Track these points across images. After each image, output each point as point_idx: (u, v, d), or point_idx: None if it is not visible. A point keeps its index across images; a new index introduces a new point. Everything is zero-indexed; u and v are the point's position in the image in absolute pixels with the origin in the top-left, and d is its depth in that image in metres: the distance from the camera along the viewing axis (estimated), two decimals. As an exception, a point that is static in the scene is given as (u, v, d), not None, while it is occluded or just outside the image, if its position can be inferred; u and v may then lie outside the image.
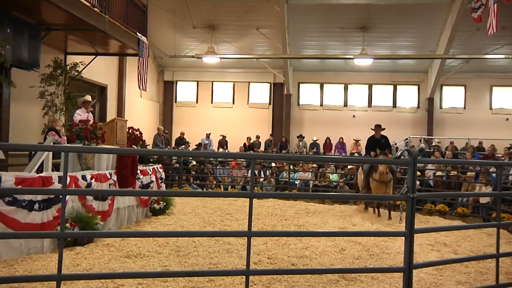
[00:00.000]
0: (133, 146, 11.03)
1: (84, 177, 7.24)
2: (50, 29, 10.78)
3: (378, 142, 11.17)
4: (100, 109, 16.43)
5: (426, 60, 20.33)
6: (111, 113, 16.59)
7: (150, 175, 10.13)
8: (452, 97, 21.40)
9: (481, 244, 7.98)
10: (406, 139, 19.82)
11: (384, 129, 11.50)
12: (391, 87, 21.72)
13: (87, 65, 12.26)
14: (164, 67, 22.54)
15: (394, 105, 21.60)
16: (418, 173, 13.08)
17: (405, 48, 19.65)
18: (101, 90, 16.53)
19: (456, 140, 19.01)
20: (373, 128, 11.52)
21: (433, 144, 18.69)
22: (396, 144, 19.12)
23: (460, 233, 8.52)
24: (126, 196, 8.63)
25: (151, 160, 15.75)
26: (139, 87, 12.96)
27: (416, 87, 21.64)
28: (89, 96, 10.63)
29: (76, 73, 11.71)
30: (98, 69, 15.30)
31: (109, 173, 8.19)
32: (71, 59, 12.56)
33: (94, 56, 13.00)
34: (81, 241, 6.69)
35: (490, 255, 6.12)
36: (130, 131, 11.25)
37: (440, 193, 11.60)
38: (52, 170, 7.83)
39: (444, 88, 21.44)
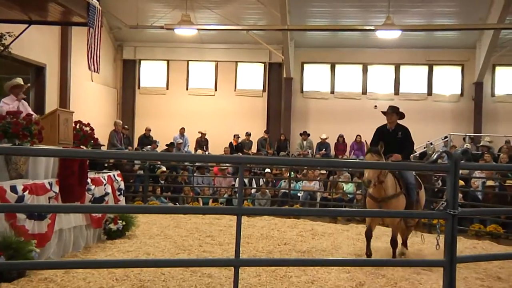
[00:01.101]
0: (81, 146, 10.95)
1: (13, 189, 7.15)
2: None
3: (390, 136, 9.38)
4: (36, 96, 16.32)
5: (473, 33, 20.40)
6: (51, 103, 16.49)
7: (105, 185, 10.05)
8: (509, 81, 21.55)
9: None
10: (446, 137, 19.90)
11: (403, 115, 9.97)
12: (426, 68, 21.82)
13: (17, 37, 12.12)
14: (123, 42, 22.46)
15: (430, 93, 21.70)
16: (462, 182, 13.12)
17: (445, 16, 19.75)
18: (37, 72, 16.41)
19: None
20: (384, 111, 9.79)
21: (482, 144, 18.71)
22: (431, 143, 19.18)
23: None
24: (72, 214, 8.55)
25: (106, 165, 15.69)
26: (89, 67, 12.84)
27: (459, 69, 21.77)
28: (20, 79, 10.51)
29: (2, 48, 11.58)
30: (33, 43, 15.16)
31: (49, 182, 8.11)
32: (-5, 29, 12.45)
33: (27, 25, 12.83)
34: (9, 275, 6.59)
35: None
36: (77, 126, 11.15)
37: (492, 209, 11.61)
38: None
39: (498, 69, 21.60)
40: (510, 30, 19.19)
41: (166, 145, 18.41)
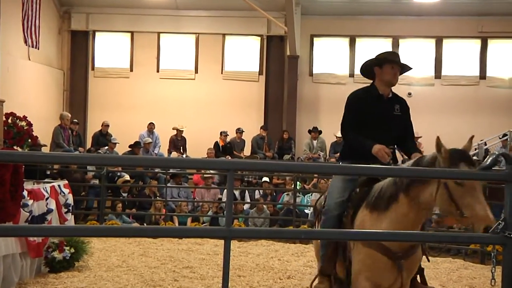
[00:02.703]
0: (15, 147, 10.94)
1: None
2: None
3: (384, 110, 7.26)
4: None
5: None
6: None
7: (47, 199, 10.04)
8: None
9: None
10: (504, 135, 19.91)
11: (409, 67, 7.39)
12: (478, 42, 21.88)
13: None
14: (71, 7, 22.38)
15: (483, 75, 21.72)
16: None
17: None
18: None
19: None
20: (380, 58, 7.43)
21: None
22: (485, 143, 19.21)
23: None
24: (1, 238, 8.52)
25: (49, 172, 15.66)
26: (26, 42, 12.87)
27: (521, 43, 21.85)
28: None
29: None
30: None
31: (-28, 196, 8.10)
32: None
33: None
34: None
35: None
36: (9, 120, 11.15)
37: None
38: None
39: None
40: None
41: (130, 145, 18.39)
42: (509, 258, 4.27)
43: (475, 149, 19.19)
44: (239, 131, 20.34)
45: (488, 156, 4.65)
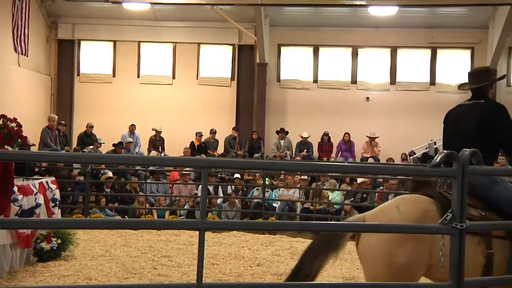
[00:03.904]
0: (6, 146, 10.83)
1: None
2: None
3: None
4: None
5: (485, 9, 20.62)
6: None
7: (36, 194, 9.95)
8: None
9: None
10: (452, 135, 20.10)
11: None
12: (428, 52, 22.03)
13: None
14: (58, 18, 22.21)
15: (433, 82, 21.90)
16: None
17: (451, -10, 19.93)
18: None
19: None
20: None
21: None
22: (434, 143, 19.38)
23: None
24: (-7, 230, 8.44)
25: (38, 170, 15.52)
26: (15, 49, 12.73)
27: (468, 53, 22.05)
28: None
29: None
30: None
31: (-35, 191, 8.01)
32: None
33: None
34: None
35: None
36: (0, 122, 11.04)
37: (507, 222, 11.76)
38: None
39: (515, 53, 21.91)
40: (529, 6, 19.41)
41: (113, 145, 18.30)
42: (456, 246, 4.31)
43: (426, 148, 19.37)
44: (213, 132, 20.31)
45: (437, 155, 4.68)
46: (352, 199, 16.05)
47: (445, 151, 4.62)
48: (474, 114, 6.17)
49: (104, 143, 18.52)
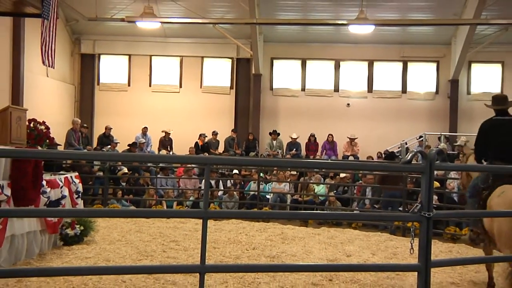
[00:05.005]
0: (36, 146, 10.82)
1: (-38, 191, 7.04)
2: None
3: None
4: (-14, 93, 16.05)
5: (448, 28, 20.73)
6: (2, 99, 16.20)
7: (61, 187, 9.94)
8: (485, 78, 21.92)
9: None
10: (420, 136, 20.16)
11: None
12: (400, 65, 22.05)
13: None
14: (81, 35, 22.19)
15: (404, 90, 21.93)
16: (437, 183, 13.30)
17: (420, 11, 19.98)
18: (-13, 67, 16.14)
19: (490, 139, 19.35)
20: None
21: (458, 144, 18.96)
22: (406, 143, 19.43)
23: (496, 267, 8.67)
24: (25, 218, 8.43)
25: (63, 166, 15.50)
26: (44, 62, 12.69)
27: (434, 65, 22.06)
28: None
29: None
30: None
31: (0, 185, 7.99)
32: None
33: (-25, 17, 12.69)
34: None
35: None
36: (31, 125, 11.05)
37: (467, 211, 11.78)
38: None
39: (474, 66, 21.95)
40: (486, 26, 19.52)
41: (128, 145, 18.28)
42: (424, 232, 4.33)
43: (398, 147, 19.41)
44: (214, 133, 20.27)
45: (408, 153, 4.70)
46: (335, 191, 16.06)
47: (415, 150, 4.64)
48: None
49: (119, 143, 18.50)
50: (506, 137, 7.29)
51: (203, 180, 16.02)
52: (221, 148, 20.34)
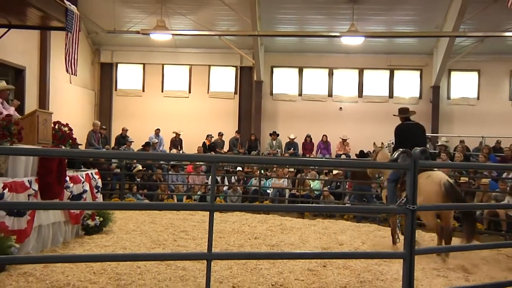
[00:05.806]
0: (60, 146, 10.82)
1: (-6, 186, 7.05)
2: None
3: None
4: (16, 98, 16.00)
5: (430, 39, 20.73)
6: (31, 104, 16.23)
7: (83, 183, 9.95)
8: (463, 85, 21.87)
9: (499, 268, 8.16)
10: (405, 137, 20.11)
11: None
12: (387, 72, 22.04)
13: (-3, 41, 11.95)
14: (100, 46, 22.22)
15: (391, 95, 21.93)
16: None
17: (405, 24, 19.98)
18: (17, 74, 16.12)
19: (468, 139, 19.36)
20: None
21: (439, 144, 18.93)
22: (392, 142, 19.35)
23: (473, 255, 8.67)
24: (50, 210, 8.44)
25: (84, 163, 15.53)
26: (67, 70, 12.71)
27: (418, 73, 22.03)
28: (4, 82, 10.37)
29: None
30: (13, 46, 14.93)
31: (28, 180, 7.99)
32: (-25, 33, 12.26)
33: (7, 29, 12.66)
34: (-10, 270, 6.50)
35: (510, 281, 6.20)
36: (56, 126, 11.02)
37: (447, 204, 11.80)
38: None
39: (453, 74, 21.91)
40: (464, 38, 19.61)
41: (142, 145, 18.29)
42: (409, 223, 4.33)
43: (386, 146, 19.37)
44: (220, 134, 20.29)
45: (395, 152, 4.71)
46: (329, 186, 16.04)
47: (401, 149, 4.65)
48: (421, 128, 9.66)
49: (133, 141, 18.53)
50: (413, 136, 9.29)
51: (210, 176, 16.06)
52: (226, 148, 20.37)
